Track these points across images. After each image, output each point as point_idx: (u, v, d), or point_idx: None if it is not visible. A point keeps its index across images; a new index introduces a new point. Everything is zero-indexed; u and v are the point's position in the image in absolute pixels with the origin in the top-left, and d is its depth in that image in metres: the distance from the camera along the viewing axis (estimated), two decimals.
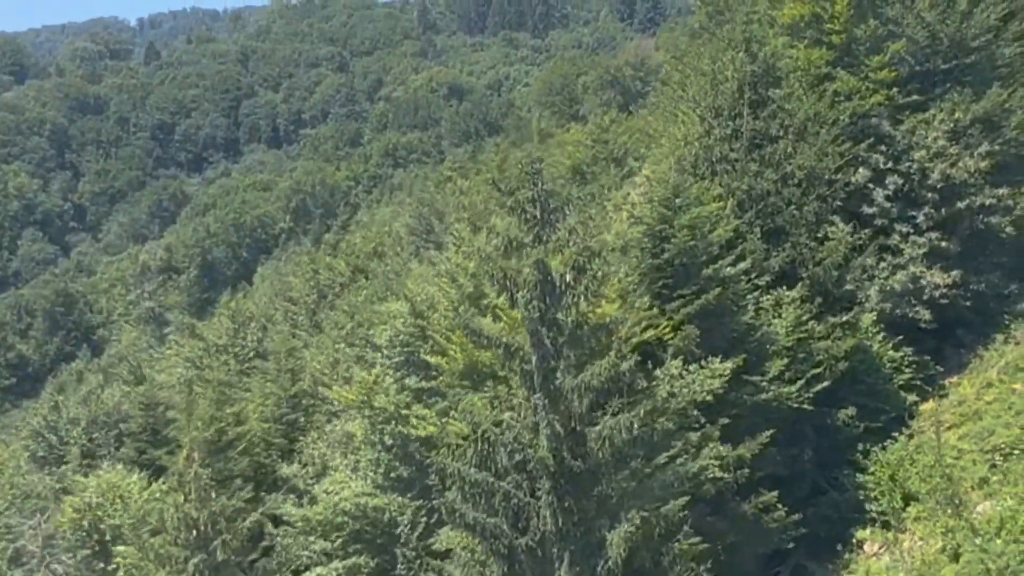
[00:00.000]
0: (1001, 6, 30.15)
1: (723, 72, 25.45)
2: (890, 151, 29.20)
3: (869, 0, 29.56)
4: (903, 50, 29.13)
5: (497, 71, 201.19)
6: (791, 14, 30.86)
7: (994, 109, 29.11)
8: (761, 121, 25.07)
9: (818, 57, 29.94)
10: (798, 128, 25.68)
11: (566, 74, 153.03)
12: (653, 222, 22.39)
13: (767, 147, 25.12)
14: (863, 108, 29.18)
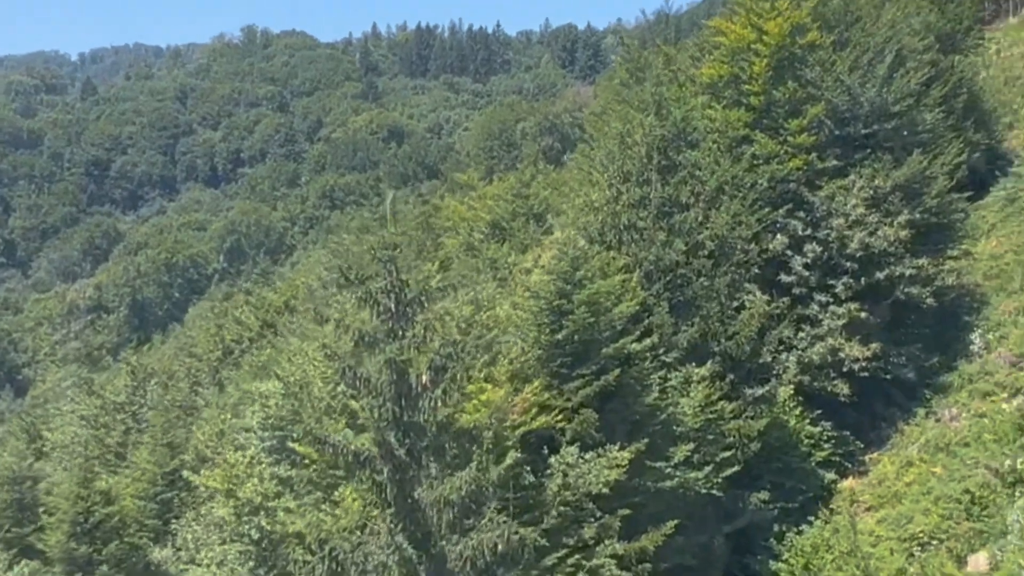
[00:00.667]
0: (922, 71, 29.18)
1: (632, 136, 23.94)
2: (809, 218, 27.95)
3: (788, 62, 28.37)
4: (822, 114, 27.96)
5: (438, 114, 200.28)
6: (710, 73, 29.66)
7: (914, 176, 28.03)
8: (671, 187, 23.55)
9: (736, 118, 28.66)
10: (710, 195, 24.19)
11: (505, 119, 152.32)
12: (551, 296, 20.68)
13: (677, 215, 23.59)
14: (782, 172, 27.91)
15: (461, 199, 48.08)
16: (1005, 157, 42.54)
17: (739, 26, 28.69)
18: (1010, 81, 47.77)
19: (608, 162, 24.92)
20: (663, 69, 31.30)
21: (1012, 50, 50.16)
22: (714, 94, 29.95)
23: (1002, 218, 36.79)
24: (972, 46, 42.95)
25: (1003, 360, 27.86)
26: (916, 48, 30.48)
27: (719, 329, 24.37)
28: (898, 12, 30.12)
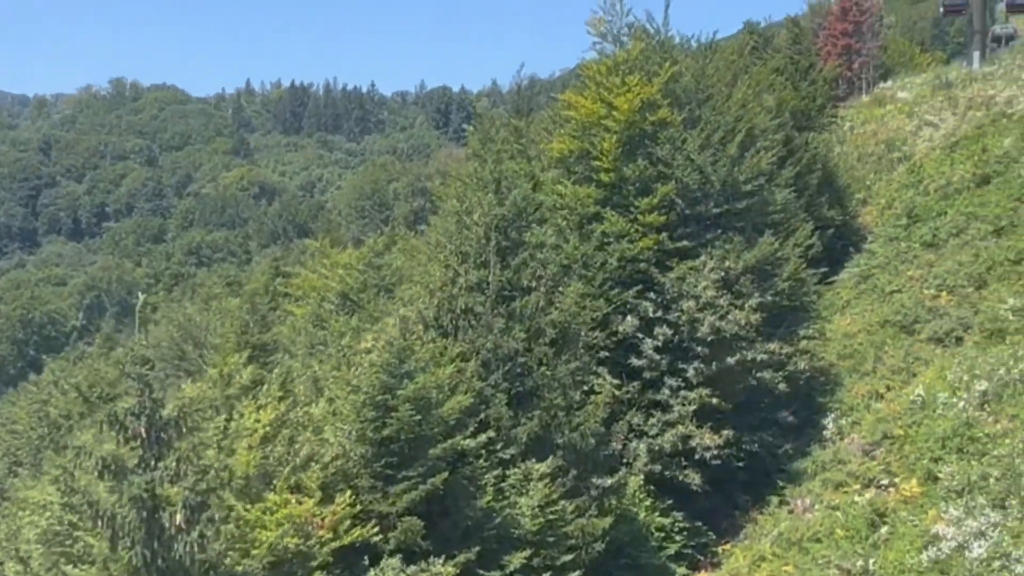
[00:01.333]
0: (774, 150, 28.57)
1: (470, 214, 22.39)
2: (660, 299, 26.81)
3: (639, 139, 27.37)
4: (673, 193, 26.97)
5: (310, 172, 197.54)
6: (560, 148, 28.46)
7: (766, 257, 27.21)
8: (511, 271, 22.00)
9: (586, 195, 27.48)
10: (552, 278, 22.74)
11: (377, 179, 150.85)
12: (373, 391, 18.77)
13: (517, 300, 22.03)
14: (632, 252, 26.73)
15: (314, 266, 45.79)
16: (859, 233, 42.71)
17: (589, 101, 27.62)
18: (863, 158, 48.34)
19: (446, 241, 23.31)
20: (513, 142, 30.04)
21: (864, 127, 50.92)
22: (567, 168, 28.76)
23: (856, 295, 36.57)
24: (826, 123, 43.13)
25: (856, 447, 27.03)
26: (768, 127, 29.86)
27: (563, 420, 22.78)
28: (749, 91, 29.45)
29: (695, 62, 28.24)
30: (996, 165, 37.49)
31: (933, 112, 48.29)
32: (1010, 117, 42.22)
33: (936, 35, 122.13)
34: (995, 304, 27.56)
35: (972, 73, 51.12)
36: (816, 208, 39.78)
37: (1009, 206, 32.81)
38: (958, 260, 31.99)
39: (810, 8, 65.36)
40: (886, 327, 31.92)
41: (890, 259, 36.76)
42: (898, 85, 55.79)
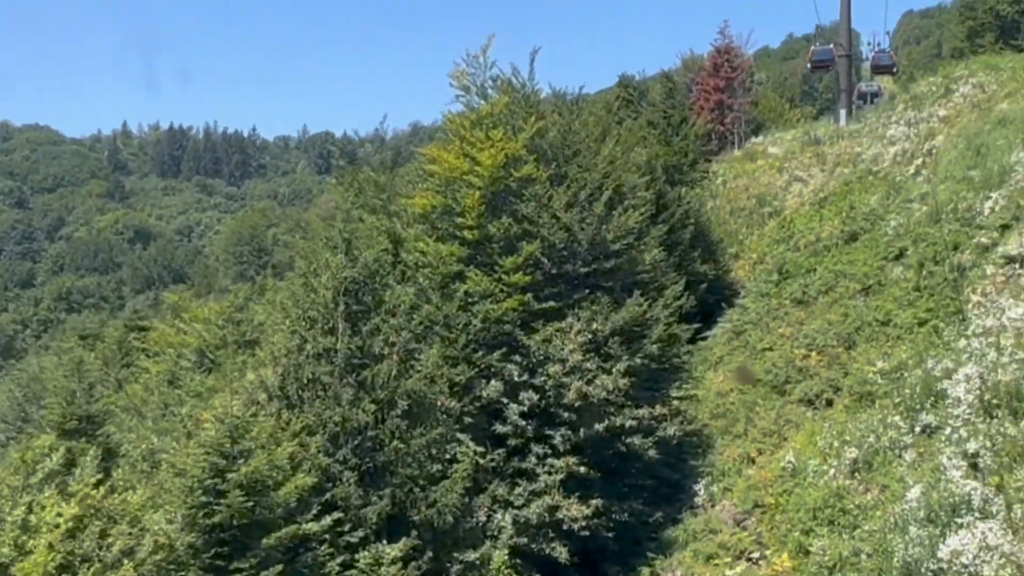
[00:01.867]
0: (643, 208, 27.71)
1: (318, 276, 20.76)
2: (525, 363, 25.47)
3: (503, 195, 26.16)
4: (539, 252, 25.77)
5: (188, 217, 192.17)
6: (423, 203, 27.02)
7: (634, 319, 26.18)
8: (361, 337, 20.40)
9: (449, 253, 26.07)
10: (407, 344, 21.21)
11: (256, 224, 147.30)
12: (201, 475, 16.90)
13: (368, 368, 20.42)
14: (496, 313, 25.37)
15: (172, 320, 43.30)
16: (732, 287, 42.38)
17: (452, 155, 26.33)
18: (735, 212, 48.29)
19: (292, 305, 21.59)
20: (373, 196, 28.54)
21: (737, 182, 50.99)
22: (431, 224, 27.36)
23: (729, 351, 35.97)
24: (698, 178, 42.82)
25: (727, 515, 26.10)
26: (637, 184, 29.02)
27: (419, 496, 21.18)
28: (618, 147, 28.60)
29: (562, 117, 27.23)
30: (863, 222, 37.53)
31: (802, 168, 48.60)
32: (876, 174, 42.57)
33: (806, 91, 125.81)
34: (864, 366, 27.04)
35: (839, 130, 51.81)
36: (689, 263, 39.32)
37: (876, 265, 32.62)
38: (827, 319, 31.60)
39: (683, 63, 65.98)
40: (758, 386, 31.28)
41: (762, 315, 36.32)
42: (769, 140, 56.30)
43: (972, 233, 29.49)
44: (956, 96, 44.70)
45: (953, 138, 38.81)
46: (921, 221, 33.32)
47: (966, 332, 24.62)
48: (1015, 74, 43.20)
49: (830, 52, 57.48)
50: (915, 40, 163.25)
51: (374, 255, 20.99)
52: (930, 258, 30.01)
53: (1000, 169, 31.45)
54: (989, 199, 30.29)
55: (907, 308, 28.21)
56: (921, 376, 23.67)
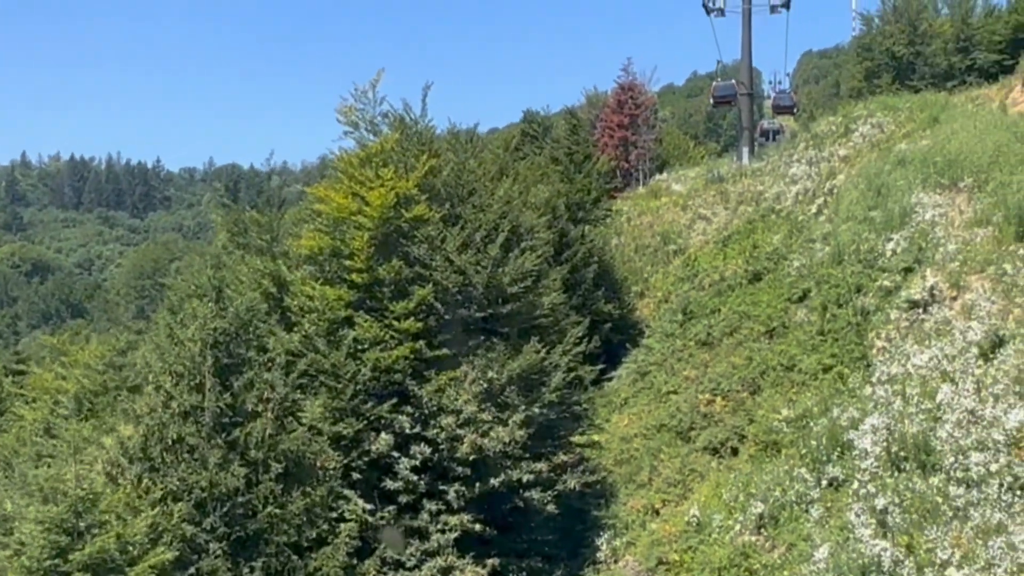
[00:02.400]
0: (539, 252, 26.44)
1: (185, 328, 18.93)
2: (417, 414, 23.85)
3: (394, 237, 24.63)
4: (431, 296, 24.24)
5: (89, 249, 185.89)
6: (309, 245, 25.31)
7: (532, 367, 24.79)
8: (231, 394, 18.60)
9: (337, 297, 24.38)
10: (282, 400, 19.45)
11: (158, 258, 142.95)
12: (40, 554, 14.93)
13: (241, 427, 18.62)
14: (387, 361, 23.75)
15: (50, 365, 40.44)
16: (637, 327, 41.39)
17: (340, 194, 24.71)
18: (640, 249, 47.44)
19: (156, 358, 19.67)
20: (256, 236, 26.71)
21: (641, 219, 50.20)
22: (319, 266, 25.64)
23: (633, 392, 34.90)
24: (601, 216, 41.83)
25: (631, 572, 24.78)
26: (536, 224, 27.73)
27: (297, 564, 19.36)
28: (515, 186, 27.30)
29: (456, 155, 25.83)
30: (766, 262, 36.93)
31: (706, 206, 48.04)
32: (778, 213, 42.13)
33: (710, 128, 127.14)
34: (769, 413, 26.10)
35: (742, 168, 51.48)
36: (592, 303, 38.29)
37: (780, 306, 31.90)
38: (732, 362, 30.71)
39: (587, 99, 65.28)
40: (662, 431, 30.20)
41: (666, 356, 35.37)
42: (673, 177, 55.75)
43: (875, 275, 28.90)
44: (856, 135, 44.63)
45: (854, 178, 38.52)
46: (824, 262, 32.73)
47: (871, 379, 23.85)
48: (912, 114, 43.30)
49: (732, 88, 57.34)
50: (814, 79, 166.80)
51: (246, 304, 19.20)
52: (833, 301, 29.32)
53: (901, 210, 31.03)
54: (891, 240, 29.78)
55: (811, 353, 27.41)
56: (827, 426, 22.76)
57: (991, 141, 31.25)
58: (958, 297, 24.78)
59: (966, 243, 26.55)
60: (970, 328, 22.35)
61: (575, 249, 38.42)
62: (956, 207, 29.80)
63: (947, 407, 20.05)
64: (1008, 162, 28.61)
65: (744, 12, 54.78)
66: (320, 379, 23.51)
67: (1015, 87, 44.71)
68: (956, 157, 31.87)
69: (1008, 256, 24.19)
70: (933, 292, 25.13)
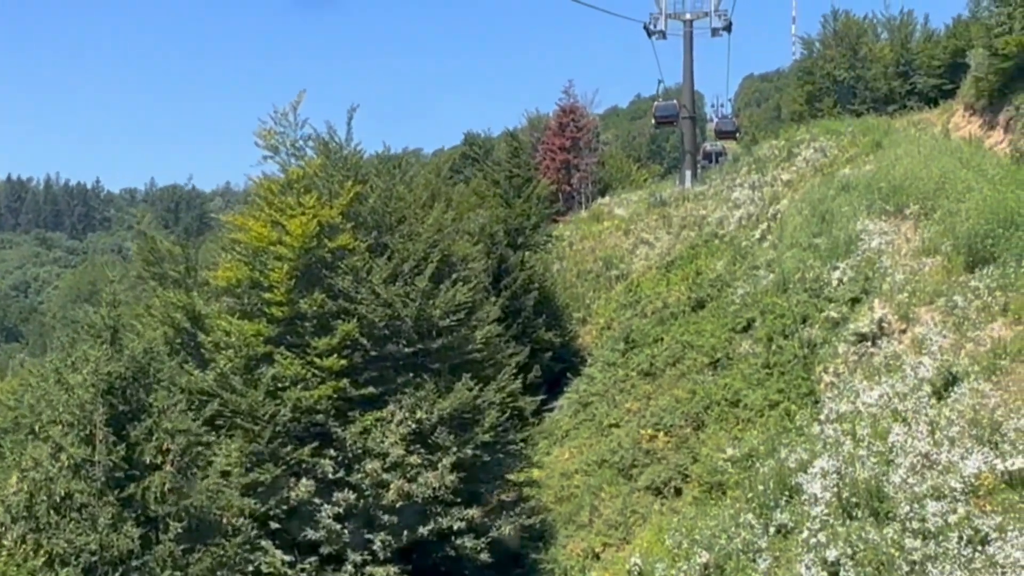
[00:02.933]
0: (472, 283, 24.89)
1: (76, 371, 17.07)
2: (340, 458, 22.14)
3: (317, 268, 22.93)
4: (356, 331, 22.56)
5: (25, 271, 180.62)
6: (227, 277, 23.52)
7: (464, 405, 23.18)
8: (126, 445, 16.75)
9: (255, 332, 22.61)
10: (183, 450, 17.60)
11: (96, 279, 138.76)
12: None
13: (137, 482, 16.76)
14: (308, 401, 22.01)
15: None
16: (579, 354, 40.05)
17: (259, 223, 22.97)
18: (582, 275, 46.22)
19: (44, 406, 17.74)
20: (170, 268, 24.85)
21: (583, 243, 49.02)
22: (238, 299, 23.85)
23: (575, 424, 33.48)
24: (541, 242, 40.43)
25: None
26: (469, 254, 26.18)
27: None
28: (447, 213, 25.71)
29: (384, 181, 24.21)
30: (710, 288, 35.81)
31: (648, 230, 46.94)
32: (721, 238, 41.12)
33: (653, 150, 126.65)
34: (713, 452, 24.72)
35: (685, 192, 50.51)
36: (533, 331, 36.94)
37: (723, 336, 30.67)
38: (675, 395, 29.38)
39: (529, 122, 64.01)
40: (604, 467, 28.73)
41: (608, 387, 34.01)
42: (615, 201, 54.64)
43: (821, 305, 27.77)
44: (799, 160, 43.84)
45: (797, 203, 37.56)
46: (768, 290, 31.62)
47: (819, 416, 22.60)
48: (855, 138, 42.58)
49: (674, 108, 56.32)
50: (756, 102, 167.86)
51: (144, 345, 17.40)
52: (779, 331, 28.15)
53: (846, 237, 30.00)
54: (836, 269, 28.70)
55: (757, 388, 26.13)
56: (774, 467, 21.40)
57: (936, 167, 30.35)
58: (907, 330, 23.65)
59: (914, 273, 25.48)
60: (921, 364, 21.17)
61: (514, 276, 37.01)
62: (902, 235, 28.81)
63: (900, 450, 18.76)
64: (954, 189, 27.64)
65: (685, 35, 53.99)
66: (236, 421, 21.73)
67: (956, 111, 44.26)
68: (901, 183, 30.94)
69: (958, 287, 23.11)
70: (882, 325, 23.99)
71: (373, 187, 23.99)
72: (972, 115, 41.47)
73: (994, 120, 38.12)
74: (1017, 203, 23.69)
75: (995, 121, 37.87)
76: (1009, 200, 24.09)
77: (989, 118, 38.69)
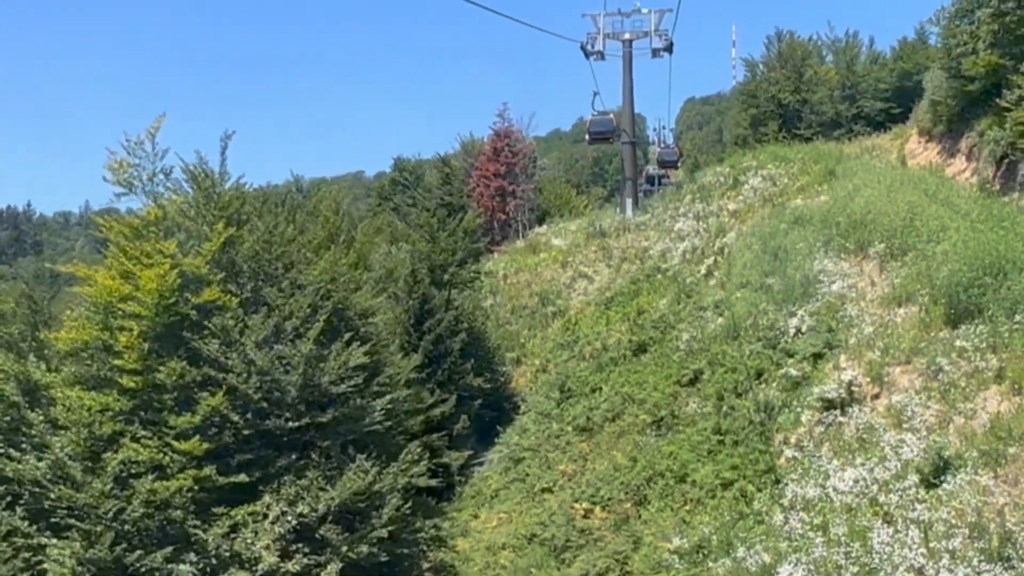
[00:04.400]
0: (372, 342, 20.59)
1: None
2: (203, 563, 17.69)
3: (178, 328, 18.52)
4: (225, 405, 18.16)
5: None
6: (69, 339, 18.99)
7: (358, 493, 18.85)
8: None
9: (102, 408, 18.12)
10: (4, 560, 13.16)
11: None
12: None
13: None
14: (164, 493, 17.57)
15: None
16: (512, 400, 35.94)
17: (107, 275, 18.52)
18: (517, 310, 42.16)
19: None
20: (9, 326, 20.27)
21: (518, 276, 44.98)
22: (85, 366, 19.32)
23: (505, 483, 29.36)
24: (468, 279, 36.25)
25: None
26: (372, 307, 21.86)
27: None
28: (348, 256, 21.41)
29: (264, 222, 19.84)
30: (652, 330, 31.93)
31: (587, 263, 43.01)
32: (664, 273, 37.26)
33: (596, 173, 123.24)
34: (657, 540, 20.56)
35: (625, 221, 46.61)
36: (460, 376, 32.76)
37: (668, 390, 26.67)
38: (614, 459, 25.28)
39: (462, 147, 59.54)
40: (534, 544, 24.49)
41: (542, 441, 29.94)
42: (553, 231, 50.52)
43: (777, 358, 23.89)
44: (746, 188, 40.13)
45: (746, 236, 33.79)
46: (717, 335, 27.78)
47: (782, 501, 18.58)
48: (805, 166, 38.98)
49: (609, 123, 50.71)
50: (698, 125, 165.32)
51: None
52: (730, 388, 24.21)
53: (803, 279, 26.24)
54: (793, 316, 24.88)
55: (707, 460, 22.01)
56: (731, 569, 17.32)
57: (902, 200, 26.66)
58: (881, 394, 19.76)
59: (884, 325, 21.66)
60: (903, 442, 17.26)
61: (439, 317, 32.81)
62: (867, 277, 25.06)
63: (887, 561, 14.77)
64: (926, 226, 23.89)
65: (624, 56, 50.00)
66: (72, 519, 17.24)
67: (910, 137, 40.91)
68: (862, 218, 27.26)
69: (940, 345, 19.27)
70: (851, 388, 20.07)
71: (253, 229, 19.60)
72: (929, 141, 38.06)
73: (954, 147, 34.64)
74: (1005, 247, 19.92)
75: (955, 148, 34.38)
76: (994, 242, 20.32)
77: (949, 145, 35.22)
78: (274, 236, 19.50)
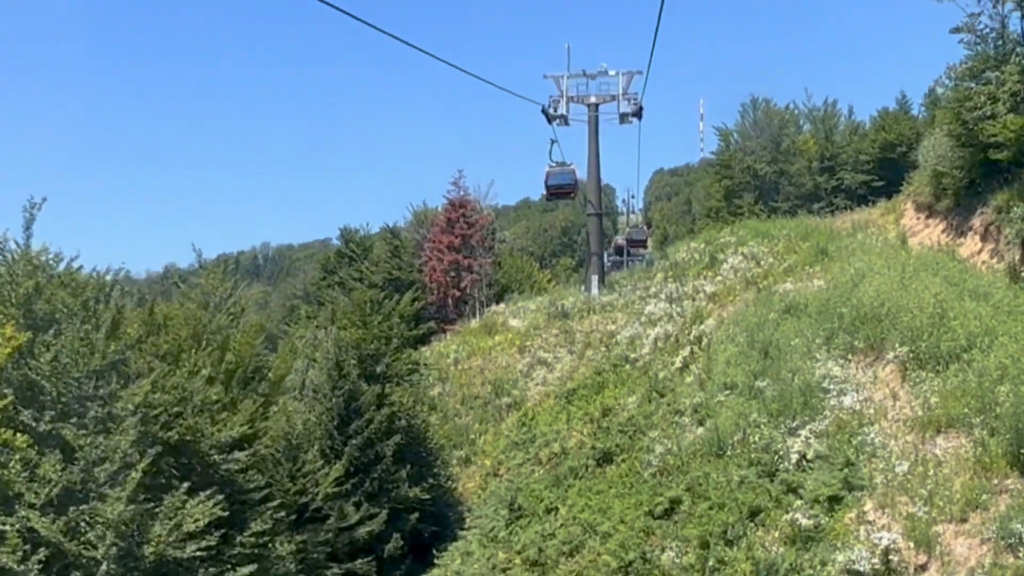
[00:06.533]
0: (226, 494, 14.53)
1: None
2: None
3: None
4: None
5: None
6: None
7: None
8: None
9: None
10: None
11: None
12: None
13: None
14: None
15: None
16: (457, 508, 29.93)
17: None
18: (468, 401, 36.25)
19: None
20: None
21: (471, 361, 39.09)
22: None
23: None
24: (404, 371, 30.32)
25: None
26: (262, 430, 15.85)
27: None
28: (196, 372, 15.48)
29: (76, 325, 13.86)
30: (619, 435, 26.12)
31: (548, 348, 37.20)
32: (634, 363, 31.53)
33: (565, 243, 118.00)
34: None
35: (591, 301, 40.88)
36: (393, 487, 26.81)
37: (638, 524, 20.70)
38: None
39: (415, 217, 53.59)
40: None
41: (486, 574, 23.78)
42: (511, 310, 44.55)
43: (777, 493, 18.07)
44: (724, 267, 34.67)
45: (728, 325, 28.21)
46: (697, 451, 21.98)
47: None
48: (792, 243, 33.57)
49: (571, 176, 43.80)
50: (667, 196, 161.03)
51: None
52: (718, 532, 18.28)
53: (803, 385, 20.57)
54: (795, 435, 19.15)
55: None
56: None
57: (923, 291, 21.11)
58: (930, 566, 13.97)
59: (922, 460, 15.93)
60: None
61: (368, 417, 26.91)
62: (885, 387, 19.40)
63: None
64: (964, 328, 18.28)
65: (590, 121, 44.47)
66: None
67: (905, 211, 35.65)
68: (873, 311, 21.71)
69: (1009, 497, 13.57)
70: (888, 557, 14.24)
71: (60, 333, 13.64)
72: (929, 217, 32.76)
73: (964, 224, 29.27)
74: None
75: (967, 226, 29.01)
76: None
77: (957, 222, 29.84)
78: (95, 345, 13.50)
